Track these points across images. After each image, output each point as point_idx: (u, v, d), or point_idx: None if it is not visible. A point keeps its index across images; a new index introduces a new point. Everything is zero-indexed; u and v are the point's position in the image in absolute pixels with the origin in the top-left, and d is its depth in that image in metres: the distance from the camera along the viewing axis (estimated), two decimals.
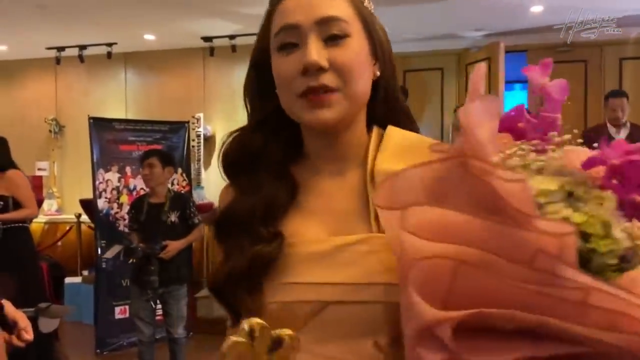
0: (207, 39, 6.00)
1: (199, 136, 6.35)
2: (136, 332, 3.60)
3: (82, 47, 6.25)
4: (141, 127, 5.18)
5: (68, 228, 6.20)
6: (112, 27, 5.81)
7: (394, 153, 0.79)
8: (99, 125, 4.90)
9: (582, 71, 5.75)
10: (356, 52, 0.77)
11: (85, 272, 5.73)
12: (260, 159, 0.83)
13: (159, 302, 3.59)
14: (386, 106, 0.84)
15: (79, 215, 5.93)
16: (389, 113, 0.84)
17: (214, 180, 5.92)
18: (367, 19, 0.80)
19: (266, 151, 0.83)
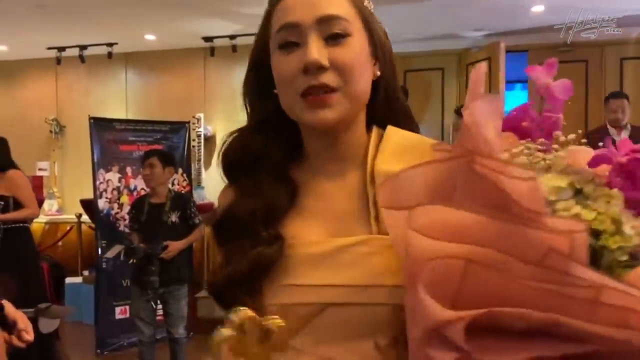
0: (208, 39, 6.00)
1: (199, 136, 6.36)
2: (137, 332, 3.60)
3: (83, 47, 6.25)
4: (142, 127, 5.17)
5: (69, 228, 6.20)
6: (113, 27, 5.81)
7: (394, 153, 0.78)
8: (99, 126, 4.90)
9: (582, 71, 5.74)
10: (357, 52, 0.76)
11: (86, 272, 5.74)
12: (260, 160, 0.82)
13: (159, 302, 3.59)
14: (386, 106, 0.84)
15: (79, 216, 5.93)
16: (389, 113, 0.84)
17: (214, 181, 5.91)
18: (367, 19, 0.80)
19: (266, 152, 0.83)
